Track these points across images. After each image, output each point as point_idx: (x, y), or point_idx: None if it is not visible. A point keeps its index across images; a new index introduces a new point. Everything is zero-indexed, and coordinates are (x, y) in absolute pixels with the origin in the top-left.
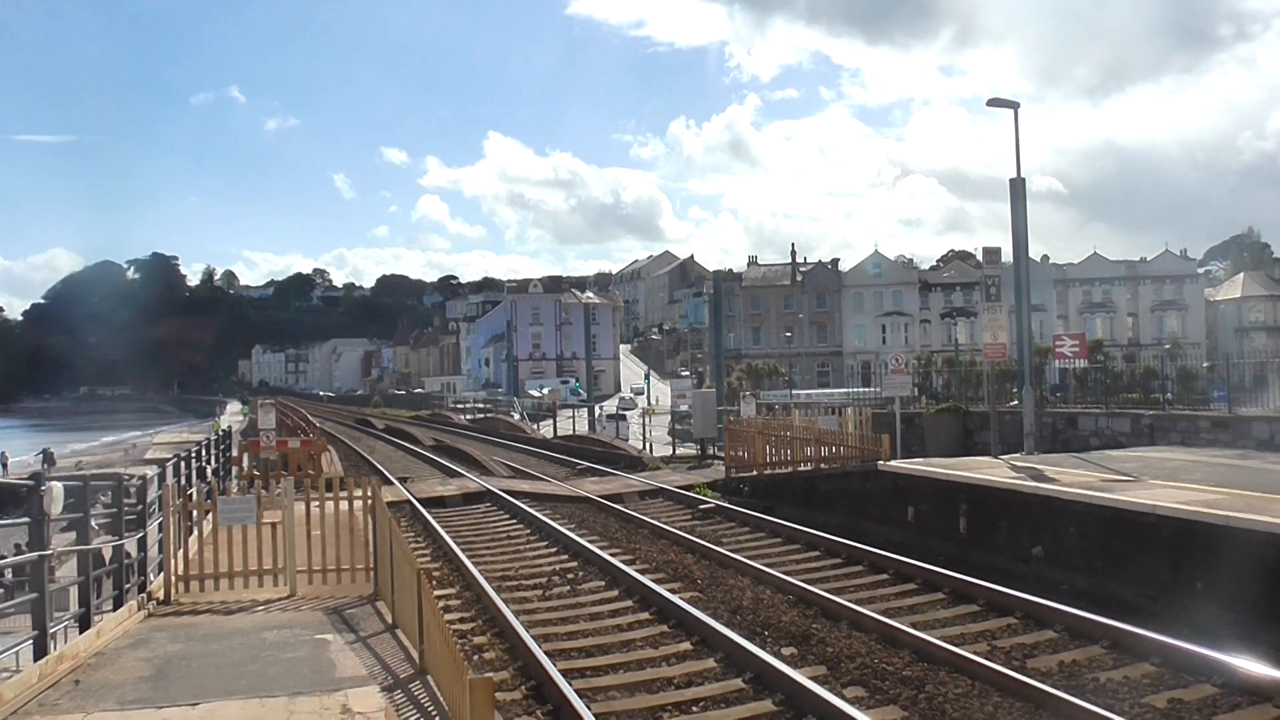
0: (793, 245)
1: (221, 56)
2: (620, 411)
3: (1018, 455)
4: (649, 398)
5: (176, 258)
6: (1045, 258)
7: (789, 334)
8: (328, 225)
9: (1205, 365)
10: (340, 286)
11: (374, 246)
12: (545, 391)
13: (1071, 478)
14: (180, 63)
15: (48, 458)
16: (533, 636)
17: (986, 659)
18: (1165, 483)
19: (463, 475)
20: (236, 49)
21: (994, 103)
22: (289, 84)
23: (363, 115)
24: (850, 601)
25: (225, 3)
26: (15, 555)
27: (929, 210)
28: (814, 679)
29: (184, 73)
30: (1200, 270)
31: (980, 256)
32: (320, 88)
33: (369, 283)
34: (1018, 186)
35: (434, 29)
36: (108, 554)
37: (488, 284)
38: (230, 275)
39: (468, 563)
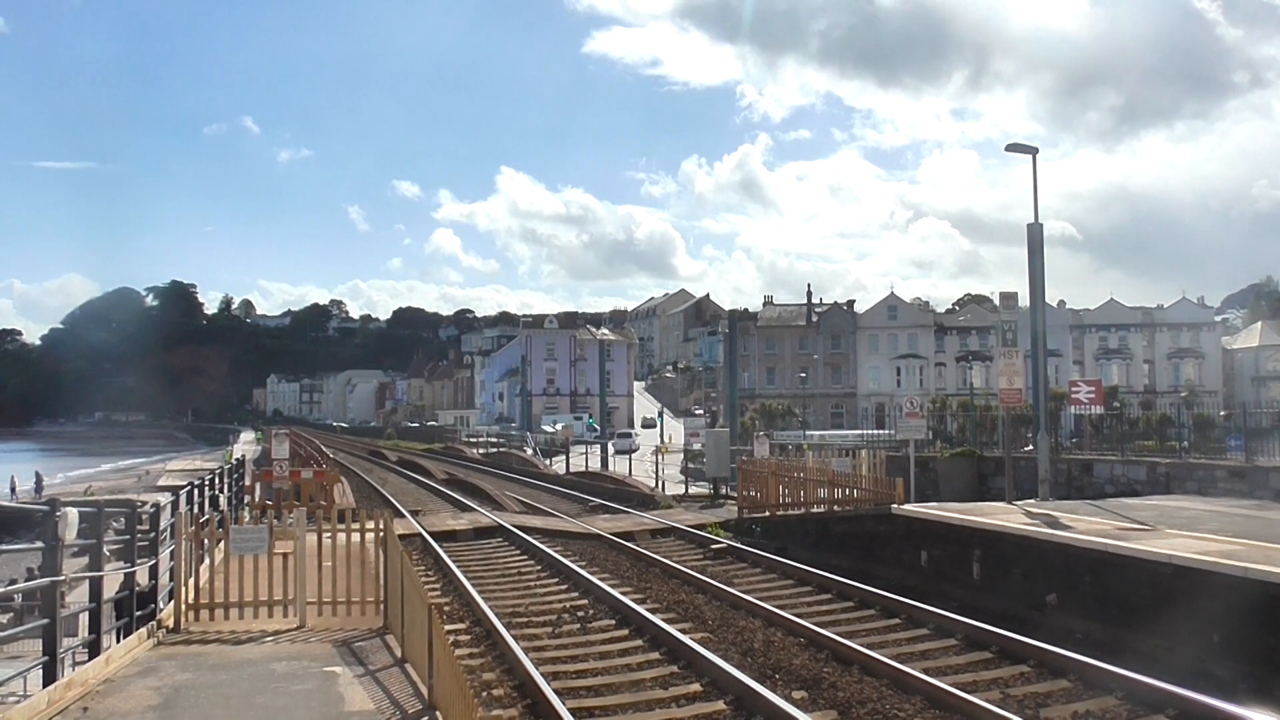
0: (808, 286)
1: (234, 87)
2: (627, 431)
3: (1032, 501)
4: (662, 435)
5: (195, 285)
6: (1062, 303)
7: (803, 375)
8: (342, 257)
9: (1222, 414)
10: (356, 318)
11: (388, 279)
12: (558, 427)
13: (1087, 525)
14: (194, 93)
15: (38, 483)
16: (542, 674)
17: (999, 707)
18: (1181, 532)
19: (475, 510)
20: (248, 80)
21: (1012, 148)
22: (301, 115)
23: (374, 147)
24: (862, 646)
25: (237, 34)
26: (27, 579)
27: (942, 253)
28: None
29: (198, 103)
30: (1217, 318)
31: (997, 301)
32: (331, 119)
33: (384, 315)
34: (1035, 232)
35: (446, 62)
36: (119, 581)
37: (503, 318)
38: (248, 304)
39: (478, 598)
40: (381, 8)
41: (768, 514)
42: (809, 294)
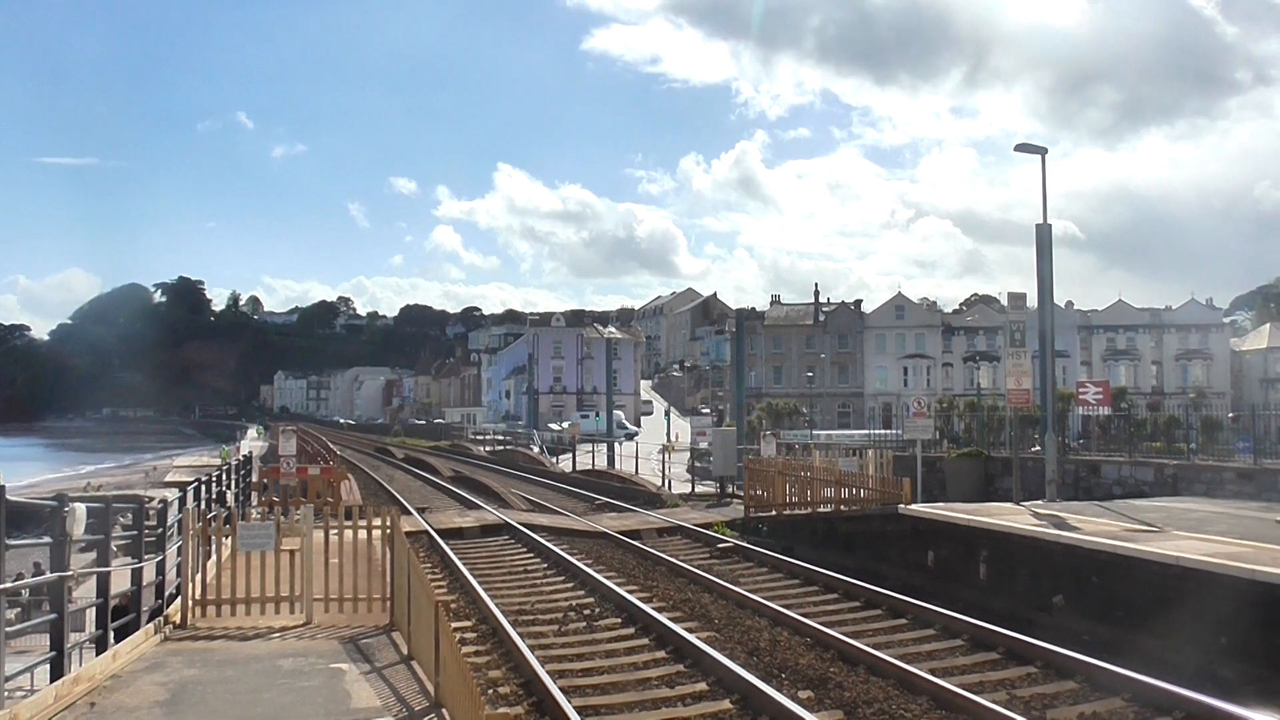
0: (815, 285)
1: (225, 82)
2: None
3: (1040, 502)
4: (668, 433)
5: (202, 282)
6: (1069, 304)
7: (810, 374)
8: (345, 253)
9: (1230, 416)
10: (364, 315)
11: (391, 275)
12: (565, 425)
13: (1094, 526)
14: (186, 87)
15: None
16: (548, 672)
17: (1005, 708)
18: (1189, 534)
19: (481, 507)
20: (240, 75)
21: (1021, 148)
22: (294, 111)
23: (370, 144)
24: (868, 645)
25: (228, 27)
26: (35, 575)
27: (945, 253)
28: None
29: (191, 98)
30: (1226, 320)
31: (1004, 301)
32: (325, 115)
33: (389, 311)
34: (1044, 233)
35: (441, 58)
36: (126, 577)
37: (510, 316)
38: (255, 301)
39: (484, 595)
40: (375, 2)
41: (774, 513)
42: (816, 293)
